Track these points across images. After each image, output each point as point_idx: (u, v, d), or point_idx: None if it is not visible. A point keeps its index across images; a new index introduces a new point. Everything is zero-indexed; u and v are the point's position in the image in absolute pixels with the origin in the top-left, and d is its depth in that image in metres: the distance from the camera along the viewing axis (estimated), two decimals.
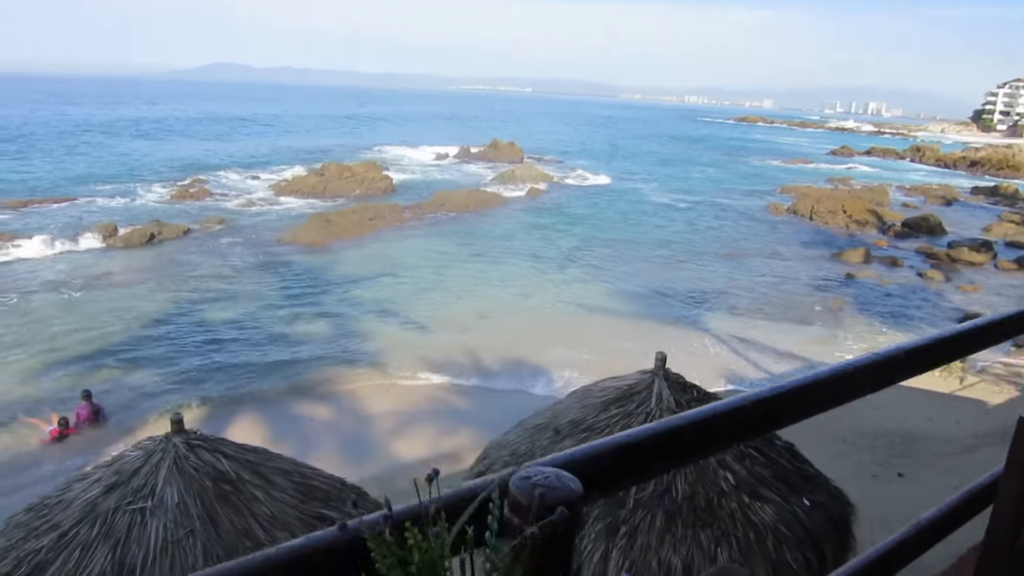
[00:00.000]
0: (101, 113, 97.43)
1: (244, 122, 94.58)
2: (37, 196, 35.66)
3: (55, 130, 70.40)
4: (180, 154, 56.15)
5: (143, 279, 22.73)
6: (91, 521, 4.73)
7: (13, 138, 60.70)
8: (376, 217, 31.20)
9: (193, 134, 75.53)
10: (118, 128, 76.01)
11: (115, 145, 60.96)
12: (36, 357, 16.47)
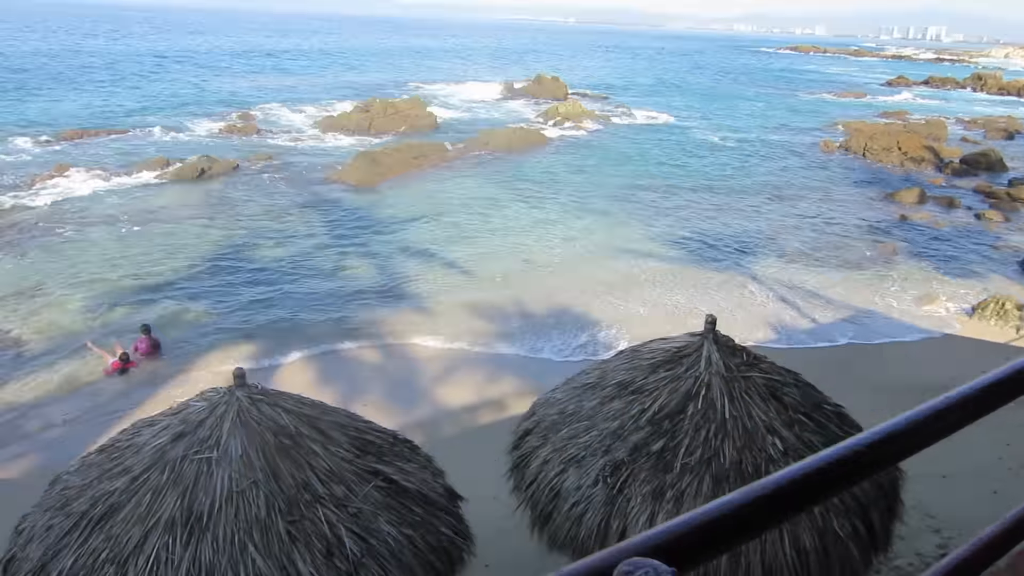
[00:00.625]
0: (146, 44, 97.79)
1: (289, 55, 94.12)
2: (91, 128, 36.28)
3: (105, 61, 71.03)
4: (228, 87, 56.36)
5: (194, 215, 23.18)
6: (160, 467, 4.98)
7: (70, 69, 61.42)
8: (420, 156, 31.13)
9: (240, 67, 75.54)
10: (167, 61, 76.37)
11: (164, 77, 61.37)
12: (94, 290, 17.06)
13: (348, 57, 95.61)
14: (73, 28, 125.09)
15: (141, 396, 12.69)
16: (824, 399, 6.02)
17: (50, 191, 24.92)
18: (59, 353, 14.06)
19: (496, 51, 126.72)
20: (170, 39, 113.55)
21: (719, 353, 5.80)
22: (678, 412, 5.57)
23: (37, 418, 12.09)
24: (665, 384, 5.73)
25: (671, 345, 6.11)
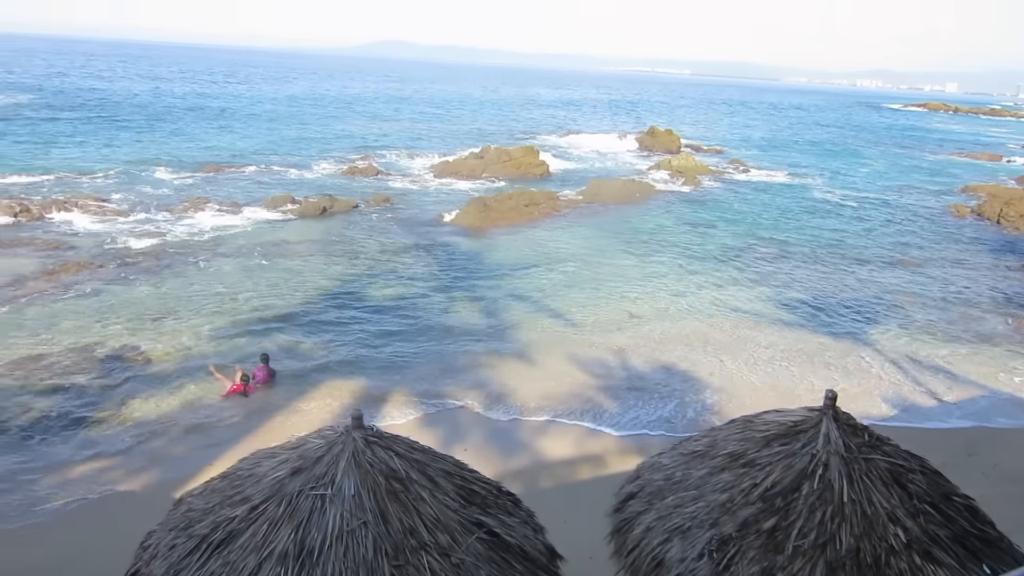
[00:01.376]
0: (274, 89, 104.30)
1: (411, 102, 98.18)
2: (225, 164, 38.90)
3: (245, 102, 76.21)
4: (353, 131, 59.36)
5: (314, 250, 24.31)
6: (278, 500, 5.20)
7: (210, 111, 66.23)
8: (531, 204, 31.62)
9: (365, 111, 79.39)
10: (299, 104, 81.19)
11: (295, 119, 65.19)
12: (220, 317, 18.10)
13: (466, 105, 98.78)
14: (214, 73, 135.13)
15: (255, 423, 13.27)
16: (952, 489, 5.66)
17: (186, 222, 26.79)
18: (184, 375, 14.94)
19: (610, 102, 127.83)
20: (302, 84, 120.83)
21: (839, 431, 5.57)
22: (792, 490, 5.36)
23: (160, 435, 12.81)
24: (779, 459, 5.54)
25: (787, 419, 5.92)
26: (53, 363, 14.96)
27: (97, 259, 21.70)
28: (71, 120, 53.07)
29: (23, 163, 35.96)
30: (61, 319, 17.26)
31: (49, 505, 10.54)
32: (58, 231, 24.58)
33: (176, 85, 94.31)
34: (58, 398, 13.62)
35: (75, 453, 11.99)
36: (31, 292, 18.85)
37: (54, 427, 12.69)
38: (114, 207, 28.05)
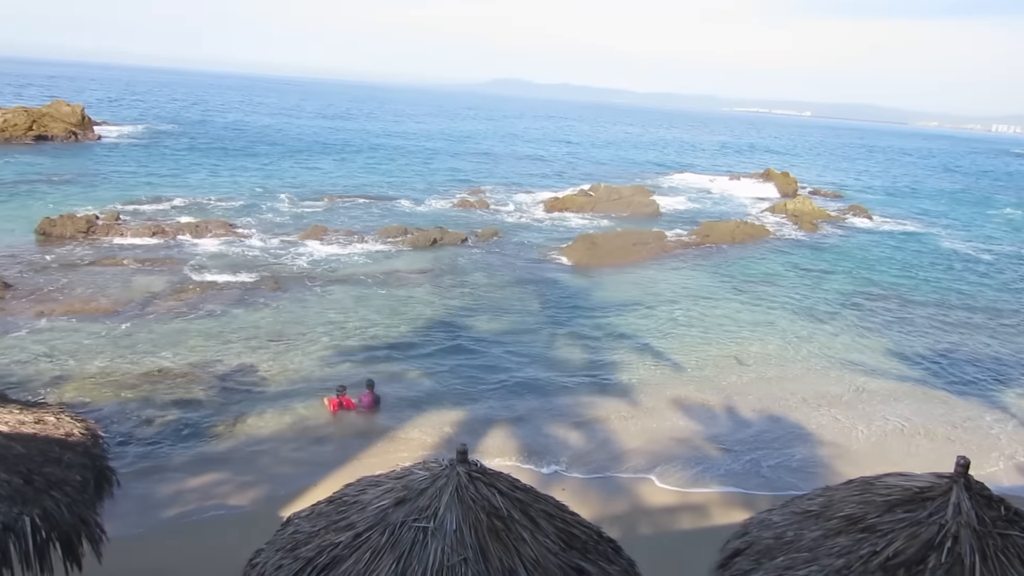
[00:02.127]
0: (395, 124, 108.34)
1: (521, 138, 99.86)
2: (346, 194, 40.62)
3: (367, 136, 79.61)
4: (466, 165, 60.89)
5: (424, 281, 24.89)
6: (381, 529, 5.26)
7: (335, 144, 69.53)
8: (640, 243, 31.34)
9: (478, 146, 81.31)
10: (416, 138, 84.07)
11: (413, 153, 67.48)
12: (331, 341, 18.74)
13: (576, 142, 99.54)
14: (341, 107, 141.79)
15: (359, 447, 13.59)
16: None
17: (304, 248, 28.04)
18: (294, 396, 15.50)
19: (725, 143, 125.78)
20: (422, 119, 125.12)
21: (971, 502, 5.15)
22: (916, 562, 4.98)
23: (269, 453, 13.29)
24: (902, 527, 5.16)
25: (912, 484, 5.53)
26: (176, 378, 15.86)
27: (221, 280, 22.96)
28: (205, 149, 56.96)
29: (161, 188, 38.77)
30: (186, 336, 18.31)
31: (165, 514, 11.09)
32: (188, 253, 26.20)
33: (304, 119, 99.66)
34: (178, 412, 14.38)
35: (191, 465, 12.60)
36: (161, 309, 20.13)
37: (174, 439, 13.40)
38: (240, 232, 29.70)
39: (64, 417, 6.27)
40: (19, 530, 5.31)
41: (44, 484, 5.60)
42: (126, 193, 36.96)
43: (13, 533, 5.29)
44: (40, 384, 15.09)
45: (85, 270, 23.28)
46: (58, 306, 19.74)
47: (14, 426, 5.85)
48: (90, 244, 26.41)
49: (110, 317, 19.23)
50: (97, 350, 17.10)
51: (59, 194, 35.73)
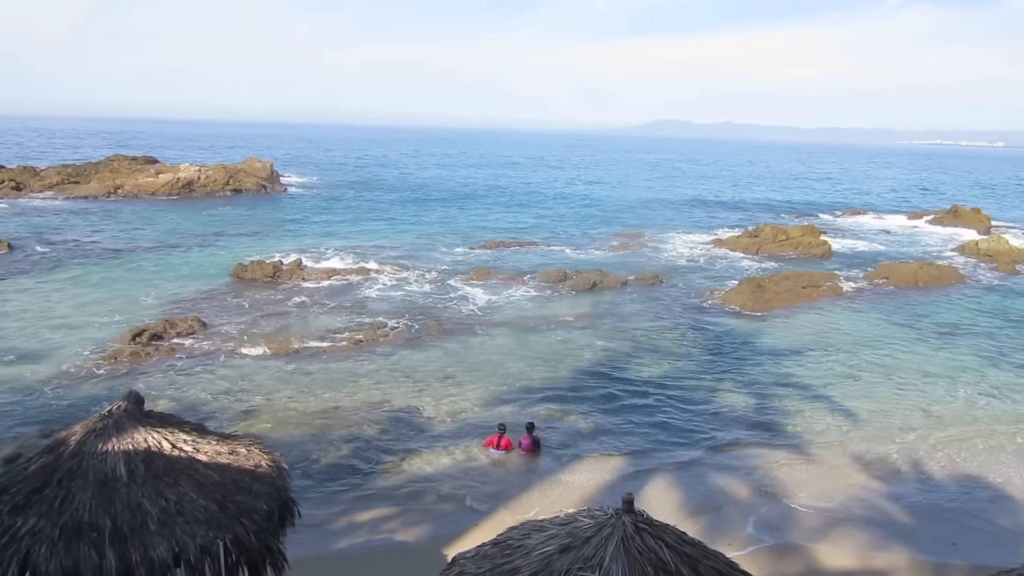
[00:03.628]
0: (555, 169, 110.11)
1: (683, 177, 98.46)
2: (507, 239, 41.71)
3: (531, 183, 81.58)
4: (625, 206, 60.89)
5: (584, 324, 24.89)
6: None
7: (498, 190, 71.84)
8: (810, 286, 29.76)
9: (637, 188, 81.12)
10: (577, 183, 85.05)
11: (574, 198, 68.35)
12: (492, 383, 19.08)
13: (739, 181, 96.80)
14: (509, 156, 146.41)
15: (519, 489, 13.63)
16: None
17: (469, 290, 28.92)
18: (457, 437, 15.86)
19: (903, 178, 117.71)
20: (582, 163, 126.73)
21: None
22: None
23: (433, 492, 13.61)
24: None
25: None
26: (349, 415, 16.71)
27: (391, 322, 24.09)
28: (378, 199, 60.72)
29: (338, 236, 41.62)
30: (358, 375, 19.31)
31: (337, 544, 11.61)
32: (361, 296, 27.79)
33: (469, 168, 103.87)
34: (350, 447, 15.10)
35: (361, 499, 13.15)
36: (336, 349, 21.38)
37: (346, 473, 14.06)
38: (408, 276, 31.15)
39: (254, 449, 6.76)
40: (214, 553, 5.74)
41: (236, 511, 6.04)
42: (307, 240, 39.97)
43: (208, 555, 5.72)
44: (230, 416, 16.41)
45: (271, 311, 25.24)
46: (247, 344, 21.48)
47: (212, 456, 6.38)
48: (275, 287, 28.66)
49: (292, 355, 20.67)
50: (280, 386, 18.41)
51: (250, 241, 39.22)
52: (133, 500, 5.74)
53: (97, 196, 56.76)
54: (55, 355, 20.07)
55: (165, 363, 19.78)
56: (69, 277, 29.74)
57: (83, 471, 5.85)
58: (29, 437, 14.95)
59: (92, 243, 37.28)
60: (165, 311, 24.62)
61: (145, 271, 31.47)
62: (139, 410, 6.57)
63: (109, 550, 5.48)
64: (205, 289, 28.22)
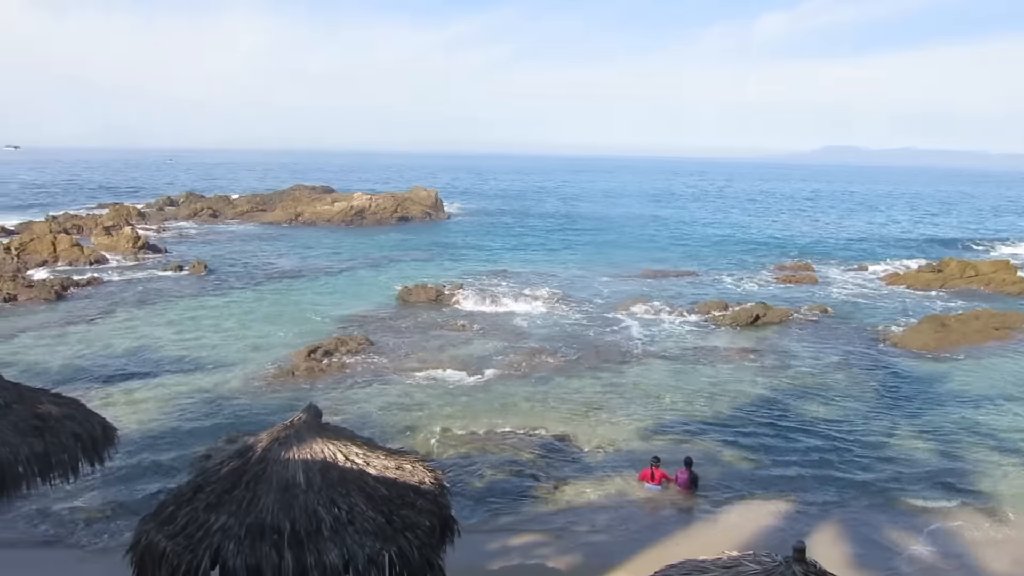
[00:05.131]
0: (714, 200, 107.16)
1: (850, 207, 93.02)
2: (662, 269, 41.12)
3: (690, 212, 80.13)
4: (790, 236, 58.36)
5: (744, 359, 23.94)
6: None
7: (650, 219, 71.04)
8: (1004, 327, 27.04)
9: (806, 218, 77.50)
10: (736, 212, 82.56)
11: (733, 227, 66.37)
12: (647, 415, 18.74)
13: (919, 210, 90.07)
14: (667, 185, 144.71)
15: (674, 526, 13.25)
16: None
17: (625, 321, 28.69)
18: (609, 467, 15.68)
19: None
20: (743, 192, 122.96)
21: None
22: None
23: (586, 521, 13.49)
24: None
25: None
26: (505, 438, 16.95)
27: (547, 348, 24.31)
28: (536, 226, 61.80)
29: (497, 262, 42.73)
30: (514, 399, 19.60)
31: (491, 566, 11.76)
32: (519, 321, 28.28)
33: (627, 197, 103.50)
34: (505, 471, 15.30)
35: (515, 524, 13.27)
36: (494, 372, 21.83)
37: (501, 497, 14.25)
38: (565, 303, 31.37)
39: (418, 466, 7.02)
40: (380, 563, 6.00)
41: (401, 525, 6.29)
42: (468, 266, 41.38)
43: (375, 566, 5.98)
44: (393, 432, 17.14)
45: (433, 333, 26.23)
46: (410, 363, 22.42)
47: (380, 470, 6.69)
48: (438, 310, 29.78)
49: (452, 377, 21.33)
50: (440, 405, 19.04)
51: (415, 266, 41.14)
52: (310, 506, 6.13)
53: (280, 222, 61.66)
54: (241, 368, 21.88)
55: (336, 379, 21.03)
56: (255, 297, 32.45)
57: (267, 476, 6.32)
58: (218, 440, 16.33)
59: (275, 266, 40.53)
60: (337, 330, 26.23)
61: (320, 292, 33.77)
62: (317, 422, 7.02)
63: (287, 552, 5.87)
64: (373, 310, 29.83)
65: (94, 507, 13.47)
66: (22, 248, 40.09)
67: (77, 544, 12.31)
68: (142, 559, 6.19)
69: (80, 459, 8.54)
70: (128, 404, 18.50)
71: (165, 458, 15.67)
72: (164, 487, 13.86)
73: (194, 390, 19.87)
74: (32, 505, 13.00)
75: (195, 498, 6.36)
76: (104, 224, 50.32)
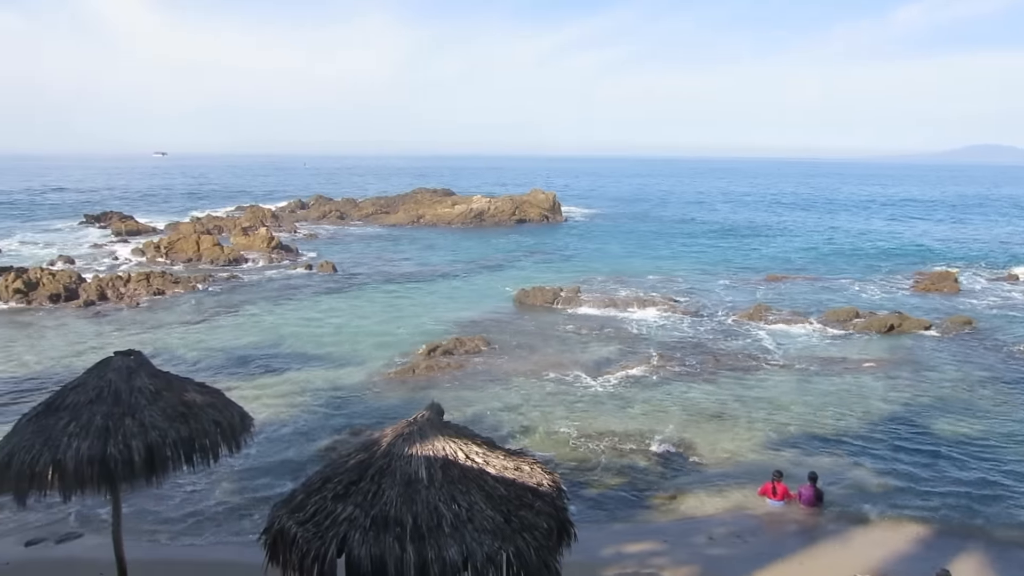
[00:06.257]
0: (839, 202, 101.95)
1: (1001, 212, 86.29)
2: (789, 273, 39.51)
3: (812, 214, 76.69)
4: (928, 241, 54.83)
5: (876, 370, 22.66)
6: None
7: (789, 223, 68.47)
8: None
9: (942, 221, 72.63)
10: (862, 216, 78.40)
11: (863, 233, 63.05)
12: (769, 426, 18.06)
13: None
14: (794, 188, 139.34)
15: (797, 544, 12.70)
16: None
17: (746, 328, 27.77)
18: (729, 478, 15.20)
19: None
20: (871, 195, 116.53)
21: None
22: None
23: (702, 532, 13.13)
24: None
25: None
26: (620, 443, 16.78)
27: (663, 353, 23.87)
28: (654, 231, 60.89)
29: (613, 265, 42.41)
30: (628, 404, 19.38)
31: (606, 572, 11.65)
32: (635, 325, 27.94)
33: (748, 201, 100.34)
34: (621, 476, 15.15)
35: (630, 530, 13.10)
36: (609, 376, 21.65)
37: (616, 502, 14.12)
38: (683, 309, 30.69)
39: (536, 467, 7.04)
40: (498, 562, 6.05)
41: (519, 526, 6.32)
42: (585, 269, 41.27)
43: (493, 564, 6.04)
44: (508, 431, 17.32)
45: (550, 336, 26.31)
46: (527, 365, 22.57)
47: (499, 469, 6.76)
48: (554, 313, 29.86)
49: (568, 379, 21.32)
50: (556, 407, 19.07)
51: (532, 268, 41.45)
52: (431, 502, 6.26)
53: (402, 224, 63.67)
54: (364, 364, 22.71)
55: (454, 378, 21.45)
56: (378, 296, 33.64)
57: (391, 470, 6.50)
58: (342, 433, 17.02)
59: (398, 266, 41.87)
60: (455, 330, 26.76)
61: (439, 292, 34.60)
62: (439, 420, 7.18)
63: (409, 545, 6.02)
64: (491, 311, 30.27)
65: (227, 491, 14.33)
66: (170, 247, 43.27)
67: (211, 523, 13.14)
68: (274, 543, 6.51)
69: (220, 445, 9.11)
70: (257, 394, 19.57)
71: (291, 448, 16.48)
72: (291, 475, 14.58)
73: (319, 384, 20.78)
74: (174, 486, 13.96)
75: (324, 488, 6.63)
76: (242, 225, 53.57)
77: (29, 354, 23.70)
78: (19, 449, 8.29)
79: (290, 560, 6.31)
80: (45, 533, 12.65)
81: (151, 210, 76.27)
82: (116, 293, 31.93)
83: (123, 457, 8.21)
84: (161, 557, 11.91)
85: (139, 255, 43.76)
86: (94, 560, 11.49)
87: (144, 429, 8.46)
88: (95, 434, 8.28)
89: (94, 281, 32.68)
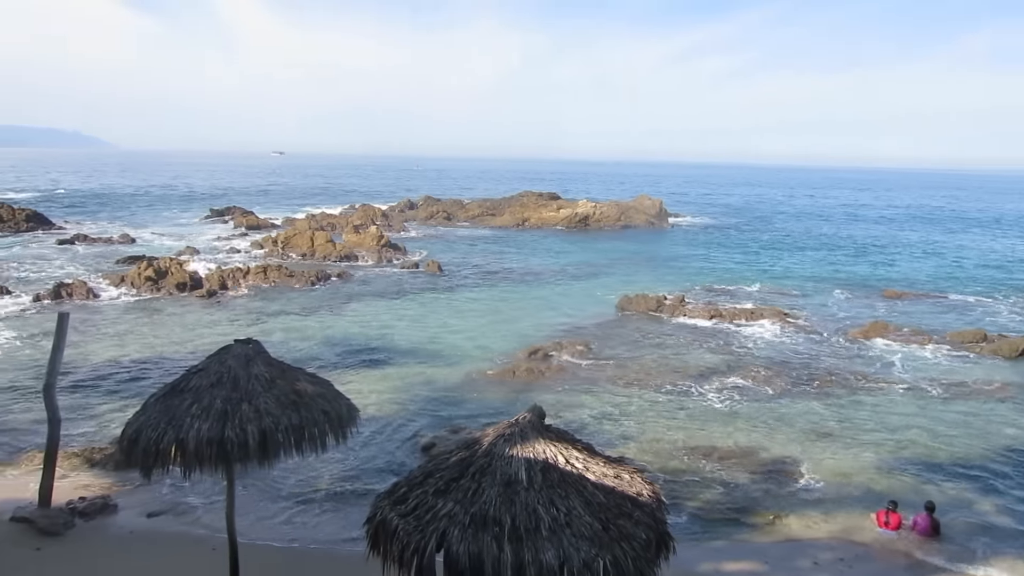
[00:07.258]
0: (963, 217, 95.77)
1: None
2: (908, 290, 37.45)
3: (932, 228, 72.47)
4: None
5: (1006, 396, 21.16)
6: None
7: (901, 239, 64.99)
8: None
9: None
10: (987, 230, 73.40)
11: (981, 248, 59.10)
12: (882, 449, 17.11)
13: None
14: (919, 202, 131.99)
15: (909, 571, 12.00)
16: None
17: (862, 345, 26.45)
18: (839, 501, 14.50)
19: None
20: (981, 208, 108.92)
21: None
22: None
23: (807, 556, 12.60)
24: None
25: None
26: (723, 456, 16.29)
27: (771, 367, 23.05)
28: (763, 241, 58.96)
29: (720, 274, 41.36)
30: (734, 418, 18.81)
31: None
32: (743, 337, 27.11)
33: (880, 216, 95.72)
34: (723, 491, 14.70)
35: (730, 548, 12.70)
36: (713, 387, 21.08)
37: (716, 517, 13.71)
38: (794, 322, 29.56)
39: (636, 477, 6.93)
40: (594, 569, 5.98)
41: (617, 535, 6.23)
42: (690, 277, 40.45)
43: (590, 571, 5.98)
44: (607, 438, 17.11)
45: (652, 343, 25.92)
46: (629, 373, 22.28)
47: (599, 476, 6.69)
48: (657, 321, 29.38)
49: (671, 389, 20.93)
50: (656, 416, 18.76)
51: (636, 274, 40.96)
52: (530, 504, 6.25)
53: (508, 227, 64.22)
54: (466, 363, 23.04)
55: (554, 381, 21.45)
56: (481, 296, 34.08)
57: (492, 470, 6.54)
58: (442, 429, 17.30)
59: (501, 268, 42.27)
60: (557, 333, 26.76)
61: (542, 295, 34.71)
62: (541, 423, 7.17)
63: (507, 545, 6.04)
64: (592, 316, 30.11)
65: (331, 479, 14.82)
66: (287, 241, 45.29)
67: (316, 509, 13.62)
68: (376, 533, 6.67)
69: (328, 434, 9.44)
70: (360, 387, 20.12)
71: (392, 440, 16.89)
72: (392, 468, 14.95)
73: (421, 380, 21.23)
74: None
75: (425, 482, 6.74)
76: (353, 223, 55.47)
77: (155, 337, 25.33)
78: (146, 427, 8.88)
79: (390, 551, 6.45)
80: (166, 505, 13.47)
81: (269, 204, 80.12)
82: (236, 283, 33.73)
83: (239, 440, 8.65)
84: (269, 537, 12.45)
85: (258, 248, 46.05)
86: (208, 536, 12.16)
87: (259, 415, 8.88)
88: (215, 417, 8.77)
89: (216, 271, 34.63)
